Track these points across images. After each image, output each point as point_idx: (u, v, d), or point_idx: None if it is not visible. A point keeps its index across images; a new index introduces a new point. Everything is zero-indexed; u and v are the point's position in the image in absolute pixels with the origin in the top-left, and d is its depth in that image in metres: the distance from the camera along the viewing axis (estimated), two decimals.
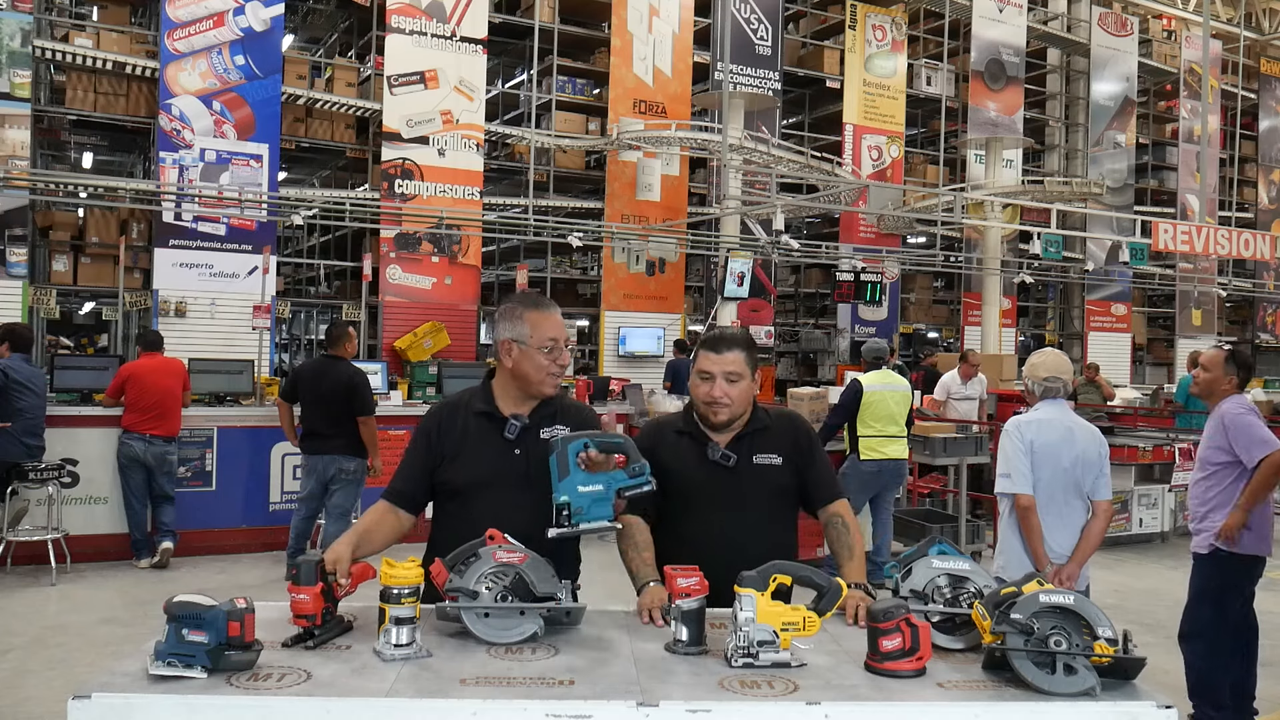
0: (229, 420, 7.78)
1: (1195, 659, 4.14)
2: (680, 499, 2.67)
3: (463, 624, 2.12)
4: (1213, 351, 4.40)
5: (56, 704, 4.28)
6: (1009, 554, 3.96)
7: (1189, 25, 20.68)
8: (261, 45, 12.07)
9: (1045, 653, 1.90)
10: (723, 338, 2.72)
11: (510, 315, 2.61)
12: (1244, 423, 4.12)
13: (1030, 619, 1.92)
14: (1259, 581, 4.26)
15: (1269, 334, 22.67)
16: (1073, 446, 3.91)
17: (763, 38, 15.89)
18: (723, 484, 2.66)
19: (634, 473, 2.05)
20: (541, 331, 2.56)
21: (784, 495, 2.73)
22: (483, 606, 2.11)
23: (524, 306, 2.62)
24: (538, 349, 2.55)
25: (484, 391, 2.66)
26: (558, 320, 2.62)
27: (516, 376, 2.60)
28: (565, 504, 1.97)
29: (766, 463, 2.69)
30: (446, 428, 2.63)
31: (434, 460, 2.61)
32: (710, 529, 2.63)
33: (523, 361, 2.57)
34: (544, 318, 2.59)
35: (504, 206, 14.57)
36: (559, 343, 2.58)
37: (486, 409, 2.62)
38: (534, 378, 2.57)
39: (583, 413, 2.75)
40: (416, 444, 2.66)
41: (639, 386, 10.02)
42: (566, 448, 2.02)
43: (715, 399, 2.65)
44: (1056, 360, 4.12)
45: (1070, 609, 1.95)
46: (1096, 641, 1.91)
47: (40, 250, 12.03)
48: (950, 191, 15.99)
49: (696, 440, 2.70)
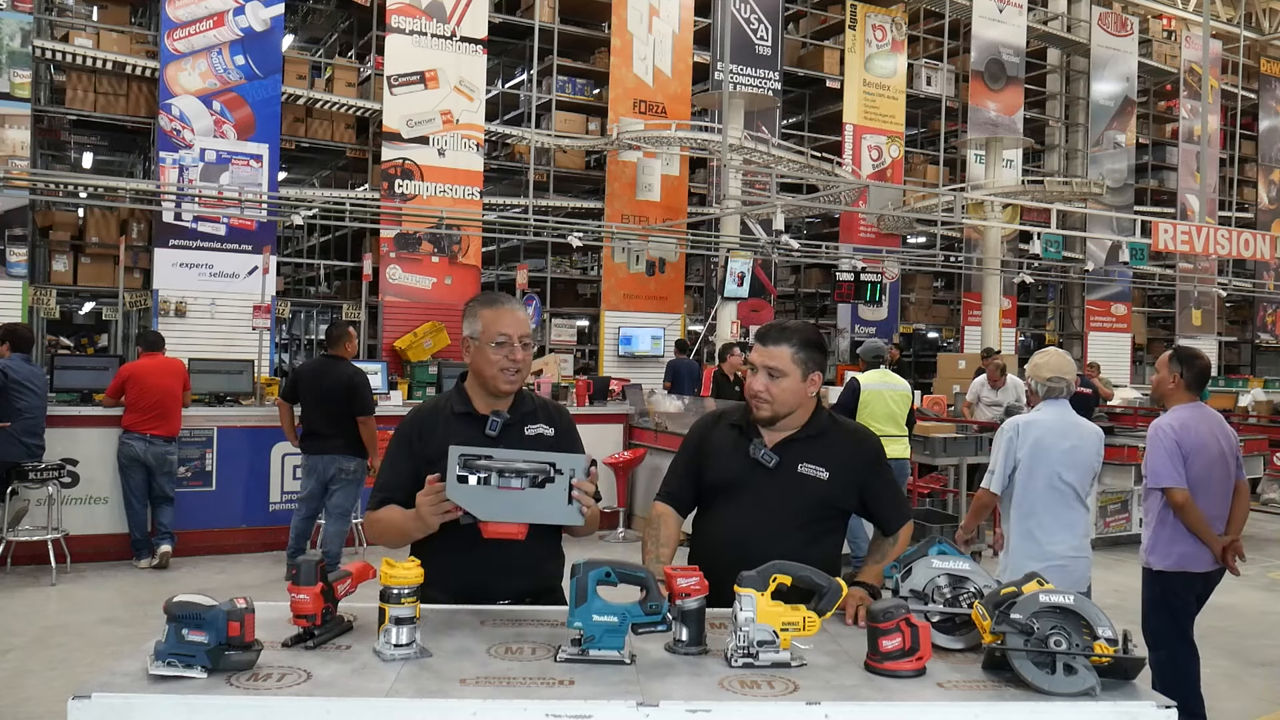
0: (229, 420, 7.78)
1: (1160, 669, 4.14)
2: (717, 491, 2.64)
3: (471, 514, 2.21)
4: (1163, 354, 4.36)
5: (56, 704, 4.28)
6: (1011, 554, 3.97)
7: (1189, 25, 20.68)
8: (261, 45, 12.08)
9: (1045, 653, 1.90)
10: (772, 330, 2.63)
11: (468, 313, 2.64)
12: (1154, 444, 4.08)
13: (1030, 619, 1.92)
14: (1271, 582, 4.22)
15: (1269, 334, 22.67)
16: (1076, 446, 3.92)
17: (763, 38, 15.89)
18: (759, 484, 2.60)
19: (650, 610, 2.05)
20: (492, 327, 2.57)
21: (823, 509, 2.62)
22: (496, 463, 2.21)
23: (479, 304, 2.64)
24: (489, 344, 2.57)
25: (459, 393, 2.67)
26: (513, 317, 2.61)
27: (474, 373, 2.63)
28: (578, 629, 1.99)
29: (810, 473, 2.58)
30: (427, 431, 2.62)
31: (417, 464, 2.59)
32: (736, 526, 2.59)
33: (476, 358, 2.60)
34: (497, 314, 2.60)
35: (504, 206, 14.57)
36: (512, 339, 2.57)
37: (465, 409, 2.63)
38: (486, 373, 2.59)
39: (562, 411, 2.78)
40: (398, 450, 2.65)
41: (639, 386, 10.01)
42: (587, 575, 2.03)
43: (755, 393, 2.58)
44: (1060, 360, 4.12)
45: (1070, 609, 1.94)
46: (1096, 641, 1.90)
47: (40, 250, 12.03)
48: (950, 191, 15.99)
49: (744, 434, 2.65)
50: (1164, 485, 4.04)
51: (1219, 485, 4.14)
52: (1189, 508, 4.01)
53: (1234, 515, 4.17)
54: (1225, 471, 4.16)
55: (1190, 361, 4.19)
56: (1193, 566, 4.08)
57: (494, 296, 2.72)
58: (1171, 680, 3.99)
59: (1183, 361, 4.18)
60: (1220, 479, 4.14)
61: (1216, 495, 4.13)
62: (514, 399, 2.66)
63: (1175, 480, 4.01)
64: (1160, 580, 4.15)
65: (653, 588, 2.08)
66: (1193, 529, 4.03)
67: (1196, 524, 4.02)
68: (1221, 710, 4.61)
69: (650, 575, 2.09)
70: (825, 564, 2.60)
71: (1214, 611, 4.30)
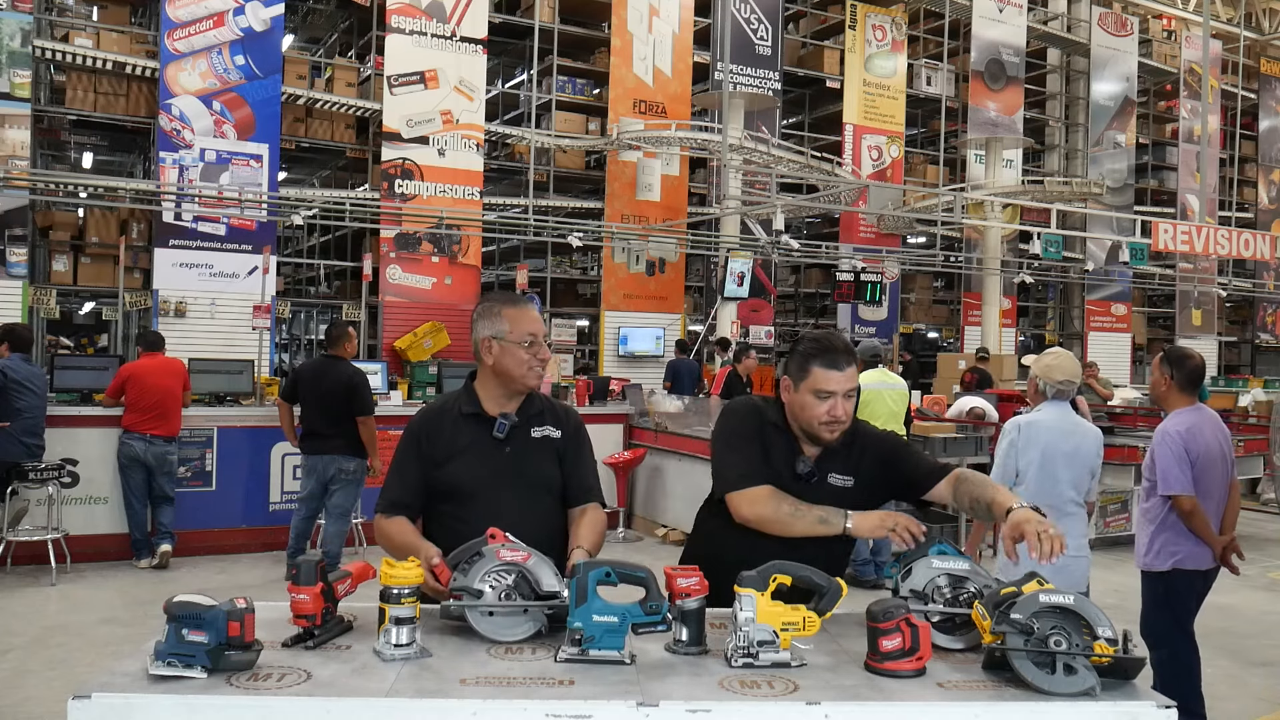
0: (229, 420, 7.78)
1: (1160, 668, 4.15)
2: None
3: (465, 622, 2.12)
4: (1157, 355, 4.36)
5: (56, 704, 4.28)
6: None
7: (1189, 25, 20.67)
8: (261, 45, 12.07)
9: (1045, 653, 1.90)
10: (840, 350, 2.54)
11: (488, 314, 2.63)
12: (1163, 450, 4.07)
13: (1030, 619, 1.92)
14: (1271, 582, 4.24)
15: (1269, 334, 22.67)
16: (1078, 447, 3.92)
17: (763, 38, 15.89)
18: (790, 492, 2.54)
19: (650, 610, 2.05)
20: (520, 326, 2.59)
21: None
22: (488, 605, 2.12)
23: (501, 304, 2.65)
24: (518, 344, 2.58)
25: (468, 394, 2.67)
26: (535, 316, 2.65)
27: (499, 373, 2.61)
28: (579, 630, 1.99)
29: (839, 484, 2.58)
30: (435, 433, 2.62)
31: (426, 467, 2.60)
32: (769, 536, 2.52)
33: (504, 357, 2.59)
34: (521, 313, 2.62)
35: (504, 206, 14.57)
36: (538, 337, 2.60)
37: (474, 410, 2.63)
38: (516, 372, 2.59)
39: (570, 413, 2.78)
40: (406, 453, 2.64)
41: (639, 386, 10.01)
42: (587, 575, 2.03)
43: (838, 419, 2.51)
44: (1071, 364, 4.17)
45: (1070, 609, 1.94)
46: (1096, 641, 1.90)
47: (40, 250, 12.03)
48: (950, 191, 15.99)
49: (788, 445, 2.60)
50: (1174, 492, 4.04)
51: (1219, 487, 4.15)
52: (1197, 513, 4.01)
53: (1227, 514, 4.20)
54: (1224, 473, 4.19)
55: (1180, 363, 4.17)
56: (1194, 565, 4.10)
57: (512, 296, 2.76)
58: (1173, 680, 4.00)
59: (1173, 363, 4.17)
60: (1220, 480, 4.16)
61: (1217, 496, 4.15)
62: (524, 400, 2.66)
63: (1185, 487, 4.01)
64: (1163, 581, 4.15)
65: (653, 587, 2.08)
66: (1198, 533, 4.04)
67: (1202, 528, 4.03)
68: (1221, 710, 4.61)
69: (651, 575, 2.09)
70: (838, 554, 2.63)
71: (1214, 611, 4.31)
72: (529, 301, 2.72)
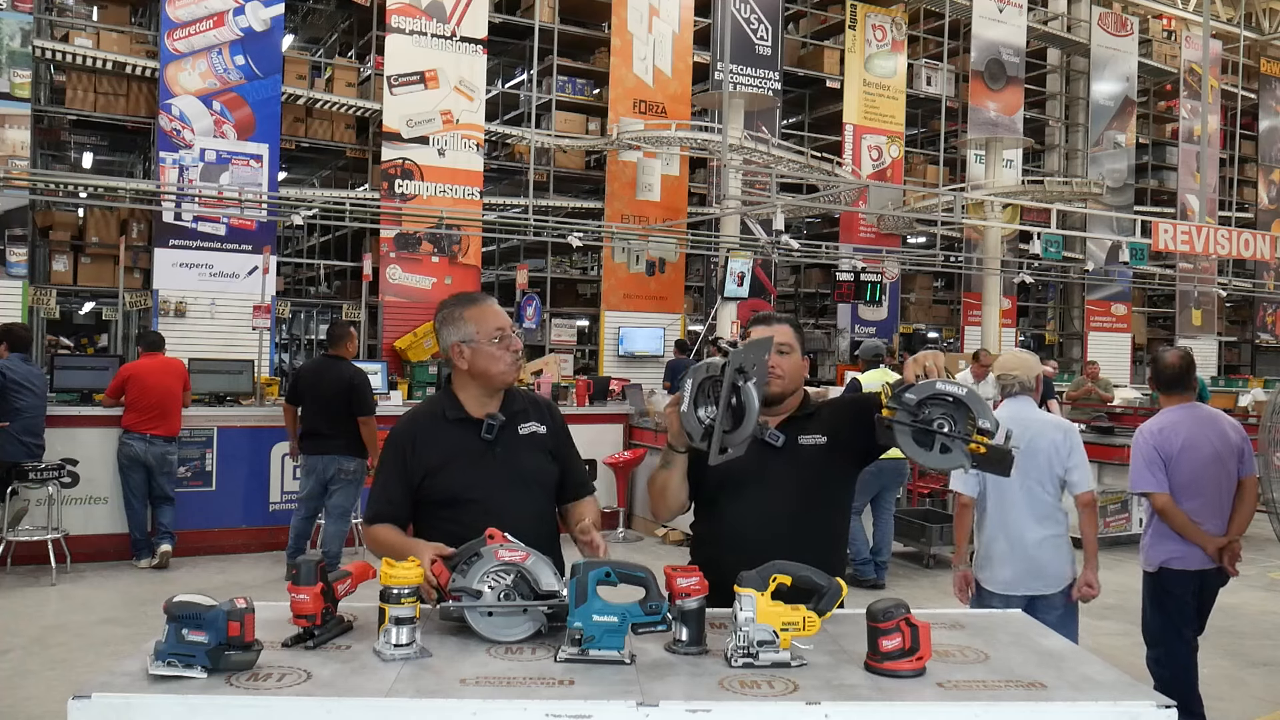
0: (229, 420, 7.79)
1: (1157, 667, 4.15)
2: (724, 479, 2.59)
3: (465, 622, 2.12)
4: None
5: (56, 704, 4.28)
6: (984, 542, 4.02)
7: (1189, 25, 20.68)
8: (261, 45, 12.07)
9: (927, 431, 2.13)
10: (771, 314, 2.82)
11: (451, 319, 2.63)
12: (1134, 450, 4.19)
13: (922, 402, 2.14)
14: (1271, 582, 4.24)
15: (1269, 334, 22.67)
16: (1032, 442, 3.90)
17: (763, 38, 15.89)
18: (769, 465, 2.59)
19: (650, 610, 2.06)
20: (486, 324, 2.59)
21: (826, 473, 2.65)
22: (487, 605, 2.12)
23: (461, 306, 2.65)
24: (488, 342, 2.58)
25: (449, 399, 2.66)
26: (496, 310, 2.66)
27: (476, 375, 2.61)
28: (578, 630, 1.99)
29: (812, 444, 2.64)
30: (422, 440, 2.61)
31: (414, 476, 2.59)
32: (753, 511, 2.59)
33: (477, 359, 2.59)
34: (483, 311, 2.62)
35: (504, 206, 14.57)
36: (506, 330, 2.60)
37: (459, 415, 2.62)
38: (493, 370, 2.59)
39: (550, 406, 2.79)
40: (391, 463, 2.63)
41: (639, 386, 10.01)
42: (587, 575, 2.03)
43: (770, 368, 2.60)
44: (1016, 360, 4.24)
45: (962, 400, 2.16)
46: (976, 433, 2.14)
47: (40, 250, 12.03)
48: (950, 191, 15.99)
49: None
50: (1141, 490, 4.13)
51: (1212, 485, 4.11)
52: (1170, 510, 4.05)
53: (1236, 514, 4.15)
54: (1220, 471, 4.13)
55: (1154, 363, 4.30)
56: (1181, 564, 4.10)
57: (470, 296, 2.74)
58: (1170, 679, 4.00)
59: (1151, 364, 4.29)
60: (1214, 479, 4.12)
61: (1210, 496, 4.11)
62: (504, 397, 2.66)
63: (1151, 485, 4.08)
64: (1153, 579, 4.19)
65: (652, 587, 2.08)
66: (1178, 531, 4.06)
67: (1182, 526, 4.05)
68: (1221, 710, 4.61)
69: (650, 574, 2.09)
70: (834, 536, 2.69)
71: (1214, 611, 4.29)
72: (488, 298, 2.72)
